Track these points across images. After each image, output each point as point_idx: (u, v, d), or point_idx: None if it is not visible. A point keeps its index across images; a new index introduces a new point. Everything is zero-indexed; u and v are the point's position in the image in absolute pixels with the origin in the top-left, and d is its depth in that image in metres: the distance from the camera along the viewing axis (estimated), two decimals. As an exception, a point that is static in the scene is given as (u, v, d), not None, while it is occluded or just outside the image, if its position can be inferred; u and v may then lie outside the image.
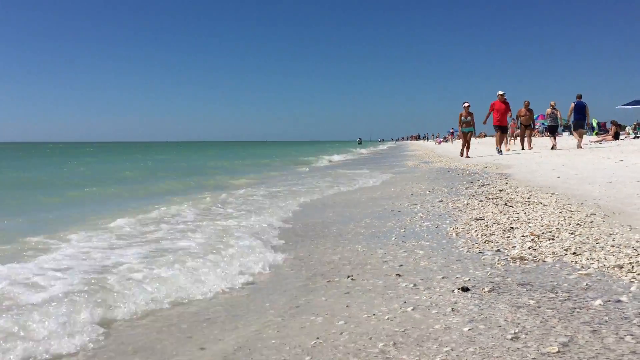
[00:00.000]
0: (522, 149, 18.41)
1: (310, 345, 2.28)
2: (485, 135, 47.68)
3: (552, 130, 18.58)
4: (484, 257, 3.57)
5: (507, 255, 3.54)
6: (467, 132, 16.89)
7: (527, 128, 18.88)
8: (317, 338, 2.36)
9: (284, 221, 5.91)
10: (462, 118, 16.66)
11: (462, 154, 17.02)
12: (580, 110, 16.67)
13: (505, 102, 16.34)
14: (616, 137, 20.79)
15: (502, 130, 16.70)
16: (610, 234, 3.81)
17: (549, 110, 18.48)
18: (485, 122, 16.88)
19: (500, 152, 16.55)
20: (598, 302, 2.48)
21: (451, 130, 59.08)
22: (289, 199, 8.02)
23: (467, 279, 3.06)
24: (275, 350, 2.27)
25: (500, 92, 16.25)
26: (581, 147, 16.35)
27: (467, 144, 16.86)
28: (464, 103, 16.76)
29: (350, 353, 2.17)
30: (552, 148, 16.81)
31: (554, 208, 5.10)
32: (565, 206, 5.16)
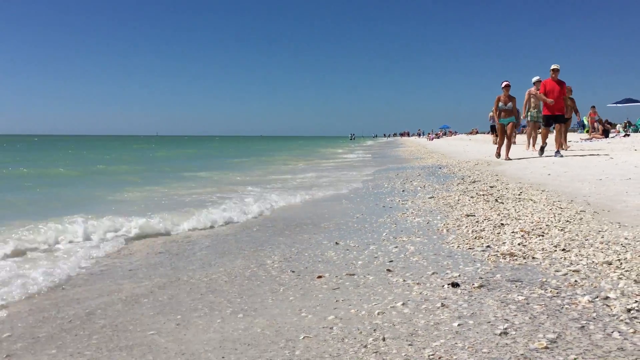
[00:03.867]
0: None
1: (300, 340, 2.28)
2: (477, 132, 47.05)
3: (494, 129, 21.69)
4: (474, 253, 3.58)
5: (497, 251, 3.55)
6: (506, 123, 12.10)
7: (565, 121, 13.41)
8: (307, 333, 2.35)
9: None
10: (500, 104, 11.98)
11: (498, 154, 12.50)
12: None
13: (559, 82, 11.42)
14: (606, 134, 20.92)
15: (552, 121, 11.85)
16: (600, 231, 3.84)
17: (491, 113, 21.05)
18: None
19: (544, 152, 11.77)
20: (586, 298, 2.49)
21: (438, 132, 59.53)
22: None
23: (457, 274, 3.07)
24: (264, 343, 2.26)
25: (555, 67, 11.36)
26: (514, 143, 20.54)
27: (507, 140, 12.22)
28: (502, 82, 11.98)
29: (340, 348, 2.17)
30: (494, 142, 20.04)
31: (544, 205, 5.13)
32: (555, 203, 5.19)
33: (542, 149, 11.96)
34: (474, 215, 4.96)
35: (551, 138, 13.02)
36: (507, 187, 6.80)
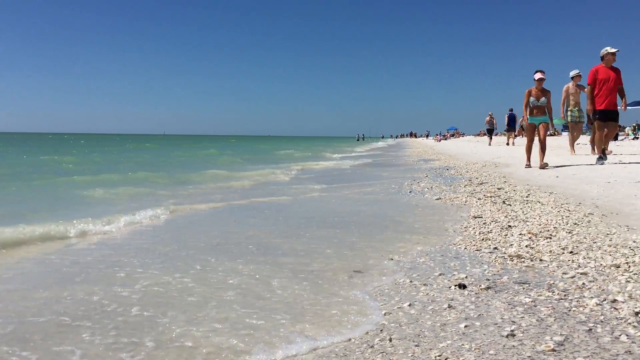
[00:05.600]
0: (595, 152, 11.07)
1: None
2: (484, 134, 45.87)
3: (490, 132, 26.95)
4: (481, 254, 3.57)
5: (504, 253, 3.55)
6: (537, 123, 9.57)
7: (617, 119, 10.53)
8: (314, 332, 2.36)
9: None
10: (531, 99, 9.48)
11: (529, 161, 9.77)
12: (512, 119, 23.97)
13: (615, 70, 9.05)
14: (615, 137, 20.80)
15: (606, 118, 9.10)
16: (608, 234, 3.82)
17: (487, 118, 26.11)
18: (592, 110, 9.05)
19: (602, 158, 9.20)
20: (594, 301, 2.48)
21: (446, 134, 59.39)
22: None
23: (464, 276, 3.07)
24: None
25: (611, 50, 9.01)
26: (510, 145, 22.62)
27: (541, 143, 9.47)
28: (535, 73, 9.51)
29: (347, 348, 2.17)
30: (489, 144, 24.76)
31: (551, 207, 5.11)
32: (563, 205, 5.17)
33: (603, 153, 9.28)
34: (482, 217, 4.95)
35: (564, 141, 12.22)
36: (514, 189, 6.78)
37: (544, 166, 9.17)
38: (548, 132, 9.73)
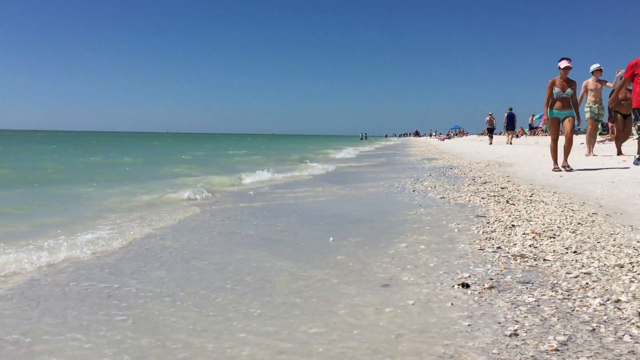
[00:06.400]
0: (619, 153, 11.25)
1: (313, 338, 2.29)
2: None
3: (491, 131, 28.12)
4: (484, 254, 3.57)
5: (508, 252, 3.54)
6: (562, 117, 8.52)
7: (625, 119, 10.92)
8: (320, 331, 2.36)
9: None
10: (556, 90, 8.38)
11: (556, 166, 8.62)
12: (511, 119, 25.18)
13: None
14: (619, 137, 20.69)
15: None
16: (612, 234, 3.81)
17: (487, 117, 27.56)
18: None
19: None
20: (597, 301, 2.48)
21: (450, 133, 59.31)
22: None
23: (467, 275, 3.07)
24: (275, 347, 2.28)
25: None
26: (511, 144, 23.72)
27: (567, 141, 8.54)
28: (560, 61, 8.41)
29: (353, 346, 2.18)
30: (489, 143, 26.10)
31: (555, 207, 5.10)
32: (566, 205, 5.16)
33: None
34: (485, 216, 4.95)
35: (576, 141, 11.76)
36: (518, 189, 6.77)
37: (566, 166, 8.40)
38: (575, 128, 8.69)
